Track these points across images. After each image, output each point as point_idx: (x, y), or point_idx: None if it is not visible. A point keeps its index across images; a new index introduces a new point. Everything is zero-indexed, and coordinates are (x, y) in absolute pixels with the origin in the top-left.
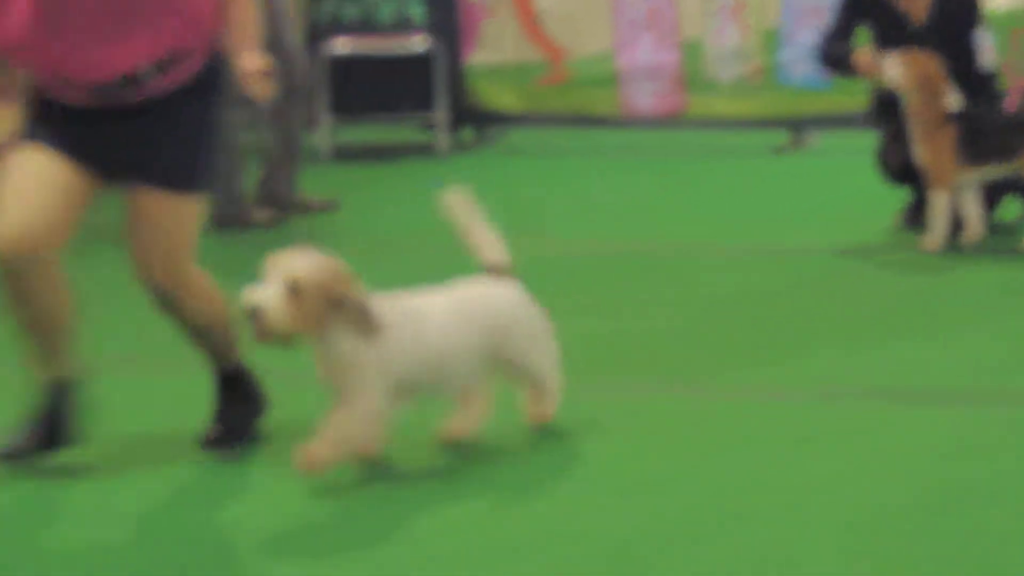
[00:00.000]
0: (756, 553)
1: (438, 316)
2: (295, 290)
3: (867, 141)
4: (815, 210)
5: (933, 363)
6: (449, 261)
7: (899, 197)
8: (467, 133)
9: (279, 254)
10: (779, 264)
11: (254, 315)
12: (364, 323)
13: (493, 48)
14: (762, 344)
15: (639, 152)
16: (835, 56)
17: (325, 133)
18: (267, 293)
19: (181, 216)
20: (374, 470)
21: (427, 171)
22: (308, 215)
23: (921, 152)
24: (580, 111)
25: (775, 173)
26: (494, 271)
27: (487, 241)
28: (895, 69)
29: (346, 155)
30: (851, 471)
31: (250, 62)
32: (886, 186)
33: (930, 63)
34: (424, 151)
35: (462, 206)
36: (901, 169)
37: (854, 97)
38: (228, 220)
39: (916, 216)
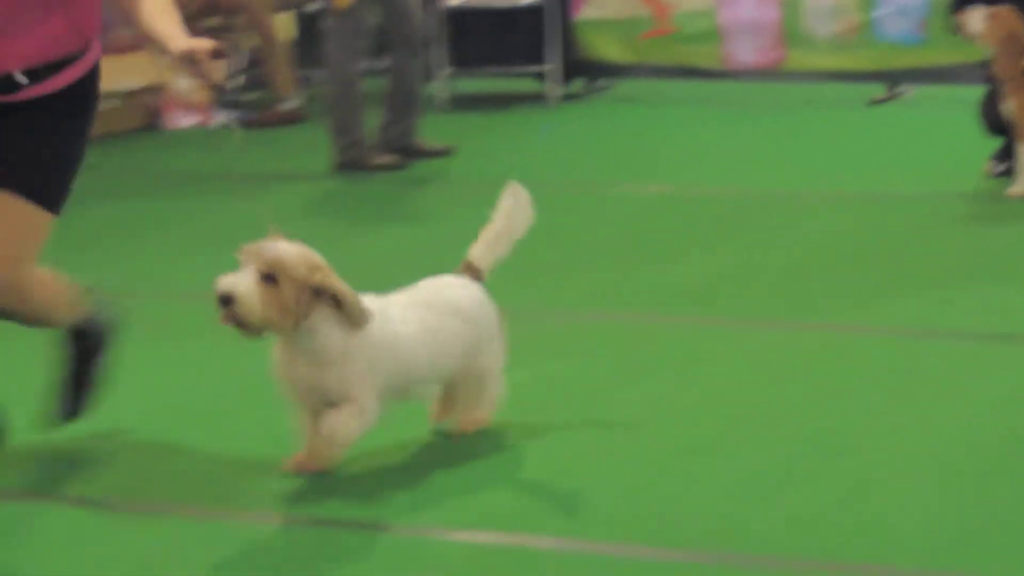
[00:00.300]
0: (854, 483)
1: (417, 315)
2: (271, 278)
3: (959, 94)
4: (909, 159)
5: (1021, 307)
6: (557, 201)
7: (990, 148)
8: (577, 84)
9: (254, 243)
10: (873, 210)
11: (226, 302)
12: (354, 313)
13: (602, 4)
14: (859, 285)
15: (741, 103)
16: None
17: (442, 83)
18: (241, 280)
19: (30, 226)
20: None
21: (538, 120)
22: (427, 160)
23: (1008, 105)
24: (684, 63)
25: (870, 124)
26: (468, 270)
27: (487, 241)
28: (977, 24)
29: (462, 104)
30: (944, 407)
31: (196, 43)
32: (977, 137)
33: (1013, 19)
34: (536, 100)
35: (514, 200)
36: (1000, 121)
37: (948, 52)
38: (351, 164)
39: (1005, 166)
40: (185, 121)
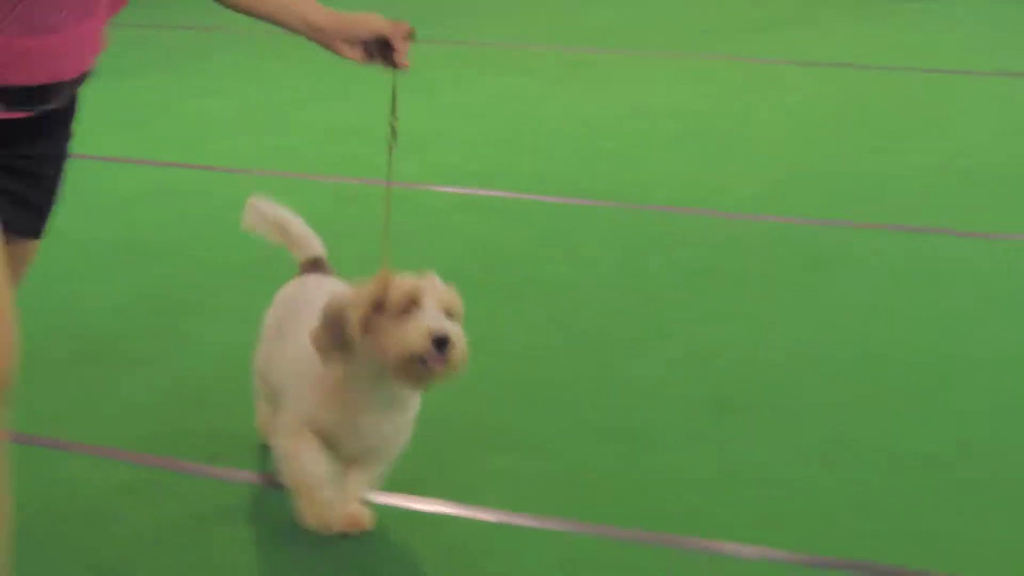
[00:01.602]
0: (745, 155)
1: None
2: (451, 316)
3: None
4: None
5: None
6: None
7: None
8: None
9: (418, 281)
10: None
11: (445, 346)
12: None
13: None
14: (752, 23)
15: None
16: None
17: None
18: (444, 321)
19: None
20: None
21: None
22: None
23: None
24: None
25: None
26: (319, 267)
27: (306, 236)
28: None
29: None
30: (804, 111)
31: (386, 27)
32: None
33: None
34: None
35: (267, 211)
36: None
37: None
38: None
39: None
40: None
